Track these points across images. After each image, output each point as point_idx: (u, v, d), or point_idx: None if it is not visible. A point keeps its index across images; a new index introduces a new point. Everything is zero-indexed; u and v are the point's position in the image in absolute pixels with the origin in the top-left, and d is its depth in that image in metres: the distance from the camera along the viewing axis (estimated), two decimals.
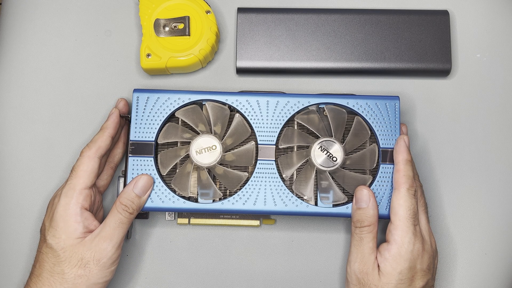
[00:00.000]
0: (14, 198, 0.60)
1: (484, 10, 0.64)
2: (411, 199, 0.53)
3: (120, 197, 0.54)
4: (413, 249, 0.51)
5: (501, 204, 0.60)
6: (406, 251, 0.51)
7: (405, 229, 0.52)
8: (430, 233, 0.54)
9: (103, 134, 0.56)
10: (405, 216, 0.52)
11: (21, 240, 0.59)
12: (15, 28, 0.64)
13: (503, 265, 0.59)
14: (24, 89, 0.62)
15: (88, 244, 0.52)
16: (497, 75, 0.62)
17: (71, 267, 0.51)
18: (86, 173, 0.54)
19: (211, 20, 0.61)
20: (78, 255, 0.51)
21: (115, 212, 0.53)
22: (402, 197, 0.53)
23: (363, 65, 0.61)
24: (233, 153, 0.56)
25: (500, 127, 0.61)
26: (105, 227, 0.52)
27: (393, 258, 0.51)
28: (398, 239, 0.52)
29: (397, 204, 0.53)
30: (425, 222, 0.55)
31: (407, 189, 0.53)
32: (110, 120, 0.57)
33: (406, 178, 0.53)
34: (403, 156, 0.54)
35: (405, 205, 0.52)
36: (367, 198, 0.54)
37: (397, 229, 0.52)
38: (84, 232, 0.52)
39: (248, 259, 0.59)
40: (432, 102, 0.62)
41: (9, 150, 0.61)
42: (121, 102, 0.59)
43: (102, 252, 0.52)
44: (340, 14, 0.62)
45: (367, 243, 0.52)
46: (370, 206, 0.54)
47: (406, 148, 0.54)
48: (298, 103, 0.56)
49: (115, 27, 0.64)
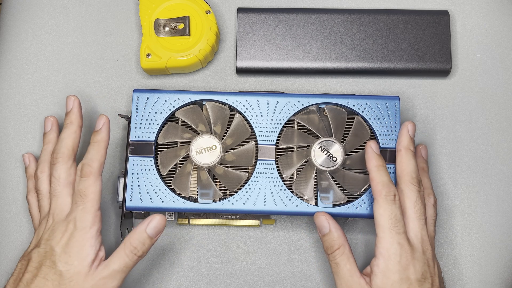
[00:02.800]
0: (14, 198, 0.60)
1: (484, 10, 0.64)
2: (390, 206, 0.50)
3: (131, 238, 0.51)
4: (400, 260, 0.49)
5: (501, 204, 0.60)
6: (393, 263, 0.49)
7: (389, 240, 0.50)
8: (424, 240, 0.51)
9: (100, 149, 0.53)
10: (387, 226, 0.50)
11: (21, 240, 0.59)
12: (15, 28, 0.64)
13: (504, 265, 0.59)
14: (24, 89, 0.62)
15: (90, 281, 0.50)
16: (497, 75, 0.62)
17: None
18: (96, 194, 0.52)
19: (211, 20, 0.61)
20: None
21: (122, 255, 0.51)
22: (380, 206, 0.50)
23: (363, 65, 0.61)
24: (233, 153, 0.56)
25: (500, 127, 0.61)
26: (108, 268, 0.50)
27: (382, 273, 0.49)
28: (384, 252, 0.50)
29: (378, 214, 0.50)
30: (419, 229, 0.51)
31: (384, 197, 0.51)
32: (104, 132, 0.54)
33: (381, 186, 0.51)
34: (373, 162, 0.52)
35: (386, 214, 0.50)
36: (326, 222, 0.52)
37: (381, 241, 0.50)
38: (94, 259, 0.50)
39: (248, 259, 0.59)
40: (432, 102, 0.62)
41: (9, 150, 0.61)
42: (102, 118, 0.55)
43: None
44: (340, 14, 0.62)
45: (343, 266, 0.51)
46: (332, 229, 0.52)
47: (374, 154, 0.53)
48: (298, 103, 0.56)
49: (115, 27, 0.64)
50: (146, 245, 0.52)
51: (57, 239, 0.51)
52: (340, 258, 0.51)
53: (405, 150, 0.53)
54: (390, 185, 0.51)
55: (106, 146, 0.54)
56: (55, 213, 0.52)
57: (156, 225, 0.52)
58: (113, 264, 0.50)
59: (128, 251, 0.51)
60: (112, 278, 0.50)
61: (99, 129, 0.54)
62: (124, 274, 0.51)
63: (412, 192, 0.52)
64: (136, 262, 0.51)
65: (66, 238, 0.50)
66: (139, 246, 0.51)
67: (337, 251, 0.51)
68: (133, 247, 0.51)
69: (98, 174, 0.52)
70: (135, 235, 0.51)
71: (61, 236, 0.51)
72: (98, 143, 0.54)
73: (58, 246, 0.50)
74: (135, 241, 0.51)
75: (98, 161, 0.53)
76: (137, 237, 0.51)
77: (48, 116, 0.58)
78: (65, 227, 0.51)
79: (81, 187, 0.52)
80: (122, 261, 0.51)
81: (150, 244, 0.52)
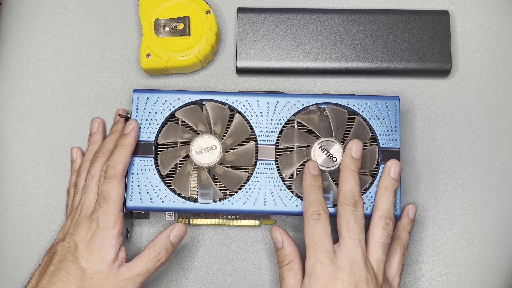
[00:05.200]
0: (14, 198, 0.60)
1: (484, 10, 0.64)
2: (313, 224, 0.50)
3: (155, 243, 0.53)
4: (320, 279, 0.49)
5: (501, 204, 0.60)
6: (314, 281, 0.49)
7: (311, 258, 0.50)
8: (356, 261, 0.49)
9: (126, 152, 0.54)
10: (310, 245, 0.50)
11: (21, 240, 0.59)
12: (15, 28, 0.64)
13: (504, 265, 0.59)
14: (24, 89, 0.62)
15: (112, 280, 0.51)
16: (497, 75, 0.62)
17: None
18: (119, 197, 0.53)
19: (211, 20, 0.61)
20: (100, 287, 0.50)
21: (146, 259, 0.52)
22: (305, 225, 0.51)
23: (363, 65, 0.61)
24: (233, 153, 0.56)
25: (500, 127, 0.61)
26: (131, 271, 0.51)
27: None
28: (308, 270, 0.50)
29: (304, 233, 0.51)
30: (350, 249, 0.50)
31: (309, 216, 0.51)
32: (132, 136, 0.55)
33: (308, 205, 0.51)
34: (306, 182, 0.53)
35: (308, 233, 0.50)
36: (279, 238, 0.53)
37: (306, 259, 0.50)
38: (114, 259, 0.51)
39: (248, 259, 0.59)
40: (432, 102, 0.62)
41: (9, 150, 0.61)
42: (131, 123, 0.56)
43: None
44: (340, 14, 0.62)
45: (288, 281, 0.51)
46: (285, 245, 0.52)
47: (309, 174, 0.53)
48: (298, 103, 0.56)
49: (115, 27, 0.64)
50: (169, 251, 0.53)
51: (81, 235, 0.52)
52: (287, 273, 0.51)
53: (343, 170, 0.53)
54: (316, 204, 0.51)
55: (131, 150, 0.55)
56: (83, 208, 0.54)
57: (179, 232, 0.54)
58: (136, 268, 0.52)
59: (152, 256, 0.52)
60: (133, 281, 0.51)
61: (128, 133, 0.55)
62: (144, 278, 0.52)
63: (345, 212, 0.51)
64: (158, 268, 0.53)
65: (89, 236, 0.52)
66: (162, 252, 0.52)
67: (286, 266, 0.52)
68: (157, 253, 0.52)
69: (121, 177, 0.54)
70: (160, 241, 0.53)
71: (85, 233, 0.52)
72: (124, 146, 0.55)
73: (82, 243, 0.51)
74: (159, 247, 0.53)
75: (123, 164, 0.54)
76: (162, 243, 0.53)
77: (95, 118, 0.60)
78: (89, 224, 0.52)
79: (105, 189, 0.53)
80: (145, 266, 0.52)
81: (172, 251, 0.53)
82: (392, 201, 0.53)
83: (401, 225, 0.56)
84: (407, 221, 0.56)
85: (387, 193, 0.53)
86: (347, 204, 0.51)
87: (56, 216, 0.60)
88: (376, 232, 0.52)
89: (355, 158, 0.53)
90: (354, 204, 0.52)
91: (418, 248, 0.59)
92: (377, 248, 0.51)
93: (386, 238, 0.52)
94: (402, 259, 0.54)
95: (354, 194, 0.52)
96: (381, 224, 0.52)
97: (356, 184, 0.52)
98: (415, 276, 0.59)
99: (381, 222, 0.52)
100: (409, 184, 0.60)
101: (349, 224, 0.51)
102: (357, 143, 0.54)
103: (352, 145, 0.54)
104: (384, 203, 0.53)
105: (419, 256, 0.59)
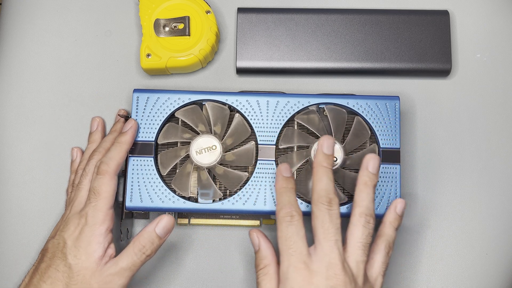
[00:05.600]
0: (14, 198, 0.60)
1: (484, 10, 0.64)
2: (285, 227, 0.48)
3: (140, 236, 0.52)
4: (293, 285, 0.47)
5: (501, 204, 0.60)
6: (290, 286, 0.47)
7: (284, 263, 0.47)
8: (333, 264, 0.47)
9: (121, 150, 0.54)
10: (282, 249, 0.48)
11: (21, 240, 0.59)
12: (15, 28, 0.64)
13: (504, 265, 0.59)
14: (24, 89, 0.62)
15: (98, 276, 0.50)
16: (497, 75, 0.62)
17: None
18: (109, 193, 0.52)
19: (211, 20, 0.61)
20: (87, 284, 0.50)
21: (131, 253, 0.51)
22: (277, 228, 0.49)
23: (363, 65, 0.61)
24: (233, 153, 0.56)
25: (500, 127, 0.61)
26: (117, 265, 0.51)
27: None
28: (281, 275, 0.48)
29: (277, 238, 0.49)
30: (326, 252, 0.47)
31: (281, 218, 0.49)
32: (129, 135, 0.55)
33: (280, 207, 0.49)
34: (278, 184, 0.51)
35: (281, 236, 0.48)
36: (256, 240, 0.51)
37: (280, 265, 0.48)
38: (102, 256, 0.51)
39: (248, 259, 0.59)
40: (432, 102, 0.62)
41: (9, 150, 0.61)
42: (130, 122, 0.56)
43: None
44: (340, 14, 0.62)
45: (263, 286, 0.48)
46: (261, 248, 0.50)
47: (281, 176, 0.51)
48: (298, 103, 0.56)
49: (115, 27, 0.64)
50: (155, 244, 0.52)
51: (69, 232, 0.52)
52: (262, 277, 0.49)
53: (316, 168, 0.51)
54: (288, 206, 0.49)
55: (127, 148, 0.55)
56: (74, 205, 0.54)
57: (165, 225, 0.52)
58: (121, 262, 0.51)
59: (137, 249, 0.51)
60: (119, 275, 0.51)
61: (125, 131, 0.55)
62: (131, 272, 0.51)
63: (319, 212, 0.49)
64: (144, 261, 0.52)
65: (77, 232, 0.51)
66: (147, 245, 0.52)
67: (261, 270, 0.49)
68: (142, 246, 0.51)
69: (113, 173, 0.53)
70: (145, 234, 0.52)
71: (73, 229, 0.52)
72: (120, 144, 0.54)
73: (70, 239, 0.51)
74: (144, 240, 0.52)
75: (116, 162, 0.53)
76: (147, 236, 0.52)
77: (94, 117, 0.60)
78: (78, 220, 0.52)
79: (96, 185, 0.53)
80: (130, 259, 0.51)
81: (158, 244, 0.52)
82: (372, 197, 0.50)
83: (388, 220, 0.52)
84: (394, 217, 0.52)
85: (366, 189, 0.50)
86: (321, 203, 0.49)
87: (56, 216, 0.60)
88: (355, 230, 0.49)
89: (327, 154, 0.51)
90: (328, 202, 0.49)
91: (418, 248, 0.59)
92: (357, 249, 0.49)
93: (367, 237, 0.49)
94: (386, 258, 0.51)
95: (329, 192, 0.49)
96: (361, 222, 0.49)
97: (329, 181, 0.50)
98: (415, 276, 0.59)
99: (361, 220, 0.49)
100: (409, 184, 0.60)
101: (324, 225, 0.48)
102: (328, 139, 0.51)
103: (323, 141, 0.51)
104: (364, 200, 0.50)
105: (419, 256, 0.59)
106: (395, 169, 0.55)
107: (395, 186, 0.55)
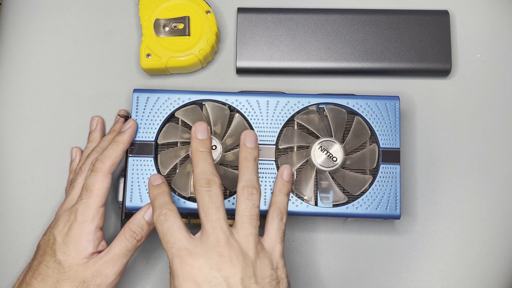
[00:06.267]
0: (14, 198, 0.60)
1: (484, 10, 0.64)
2: (161, 224, 0.48)
3: (130, 223, 0.53)
4: (182, 268, 0.47)
5: (501, 204, 0.60)
6: (175, 277, 0.47)
7: (169, 256, 0.47)
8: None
9: (117, 149, 0.54)
10: (164, 241, 0.48)
11: (21, 240, 0.59)
12: (15, 28, 0.64)
13: (504, 265, 0.59)
14: (24, 89, 0.62)
15: (91, 266, 0.51)
16: (497, 75, 0.62)
17: (72, 287, 0.50)
18: (101, 191, 0.53)
19: (211, 20, 0.61)
20: (81, 276, 0.50)
21: (123, 239, 0.52)
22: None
23: (363, 65, 0.61)
24: (233, 153, 0.56)
25: (500, 127, 0.61)
26: (110, 252, 0.51)
27: None
28: (170, 270, 0.48)
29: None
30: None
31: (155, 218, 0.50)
32: (127, 135, 0.55)
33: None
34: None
35: (159, 231, 0.49)
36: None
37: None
38: (92, 253, 0.51)
39: None
40: (432, 102, 0.62)
41: (9, 150, 0.61)
42: (129, 122, 0.56)
43: (104, 278, 0.51)
44: (340, 14, 0.62)
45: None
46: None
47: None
48: (298, 103, 0.56)
49: (115, 27, 0.64)
50: (145, 230, 0.53)
51: (59, 228, 0.52)
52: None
53: (192, 154, 0.51)
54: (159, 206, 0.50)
55: (124, 148, 0.55)
56: (66, 202, 0.54)
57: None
58: (114, 248, 0.52)
59: (128, 235, 0.52)
60: (113, 262, 0.51)
61: (124, 131, 0.55)
62: (125, 258, 0.52)
63: (199, 196, 0.49)
64: (137, 247, 0.52)
65: (66, 228, 0.52)
66: (137, 230, 0.52)
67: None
68: (132, 232, 0.52)
69: (107, 172, 0.53)
70: (134, 220, 0.53)
71: (63, 226, 0.52)
72: (117, 143, 0.55)
73: (59, 236, 0.52)
74: (134, 225, 0.52)
75: (112, 160, 0.54)
76: (136, 222, 0.53)
77: (94, 116, 0.60)
78: (68, 217, 0.52)
79: (88, 182, 0.53)
80: (123, 244, 0.52)
81: (148, 230, 0.53)
82: (253, 169, 0.50)
83: (276, 188, 0.53)
84: (282, 183, 0.53)
85: (247, 163, 0.51)
86: (200, 186, 0.48)
87: None
88: (239, 205, 0.49)
89: (201, 140, 0.51)
90: (207, 184, 0.48)
91: (418, 248, 0.59)
92: (243, 222, 0.48)
93: (251, 208, 0.49)
94: (280, 224, 0.50)
95: (206, 173, 0.49)
96: (244, 195, 0.49)
97: (206, 164, 0.49)
98: (415, 276, 0.59)
99: (243, 194, 0.49)
100: (409, 184, 0.60)
101: (205, 206, 0.48)
102: (200, 124, 0.52)
103: (196, 127, 0.52)
104: (245, 173, 0.50)
105: (419, 256, 0.59)
106: (395, 169, 0.55)
107: (395, 186, 0.55)
